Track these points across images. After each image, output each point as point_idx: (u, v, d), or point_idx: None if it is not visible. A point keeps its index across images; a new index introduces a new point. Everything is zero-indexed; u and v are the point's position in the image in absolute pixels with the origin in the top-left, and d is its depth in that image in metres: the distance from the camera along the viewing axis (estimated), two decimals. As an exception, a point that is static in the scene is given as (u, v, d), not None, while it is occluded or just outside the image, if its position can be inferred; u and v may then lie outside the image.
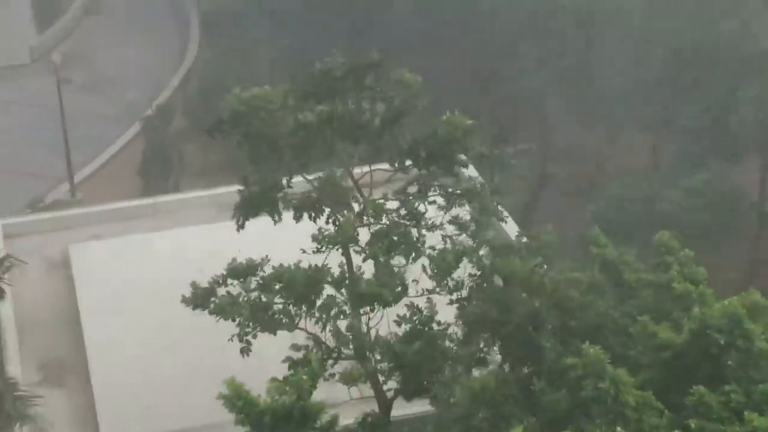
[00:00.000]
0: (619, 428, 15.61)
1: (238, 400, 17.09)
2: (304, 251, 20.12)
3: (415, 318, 20.43)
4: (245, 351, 19.89)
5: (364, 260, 20.42)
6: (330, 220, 20.82)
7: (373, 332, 20.64)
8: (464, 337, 20.49)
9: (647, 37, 42.14)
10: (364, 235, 20.60)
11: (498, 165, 22.67)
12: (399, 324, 20.48)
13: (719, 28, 42.09)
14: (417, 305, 20.44)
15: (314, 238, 20.04)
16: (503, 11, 45.78)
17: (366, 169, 21.98)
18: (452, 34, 47.02)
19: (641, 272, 20.26)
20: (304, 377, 17.28)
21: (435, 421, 20.06)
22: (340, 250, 20.51)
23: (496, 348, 20.12)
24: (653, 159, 45.06)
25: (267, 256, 20.92)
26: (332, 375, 20.35)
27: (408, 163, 21.76)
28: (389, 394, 21.25)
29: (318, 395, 17.48)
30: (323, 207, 21.05)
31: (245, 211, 21.42)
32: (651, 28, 42.20)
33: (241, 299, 20.54)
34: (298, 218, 20.79)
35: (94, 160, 46.60)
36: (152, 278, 27.78)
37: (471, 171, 24.13)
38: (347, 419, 19.77)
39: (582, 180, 45.11)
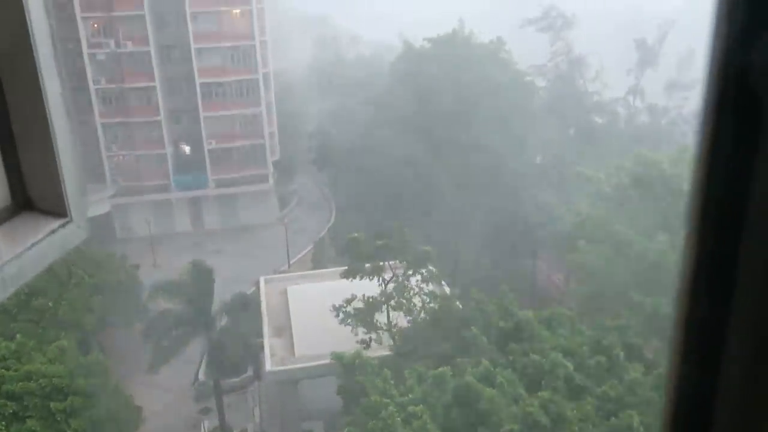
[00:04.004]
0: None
1: (338, 357, 25.65)
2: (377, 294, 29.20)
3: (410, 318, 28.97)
4: (345, 325, 29.46)
5: (388, 299, 28.96)
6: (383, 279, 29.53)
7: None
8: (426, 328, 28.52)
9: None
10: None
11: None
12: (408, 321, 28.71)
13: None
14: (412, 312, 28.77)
15: (380, 294, 28.91)
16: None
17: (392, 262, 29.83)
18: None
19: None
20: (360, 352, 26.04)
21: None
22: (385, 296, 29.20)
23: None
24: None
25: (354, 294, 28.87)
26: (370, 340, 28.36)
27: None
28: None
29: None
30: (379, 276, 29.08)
31: (350, 276, 29.41)
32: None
33: (347, 313, 28.83)
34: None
35: (296, 257, 54.08)
36: (318, 300, 32.46)
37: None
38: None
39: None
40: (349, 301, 28.25)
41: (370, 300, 28.32)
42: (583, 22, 59.40)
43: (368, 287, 28.93)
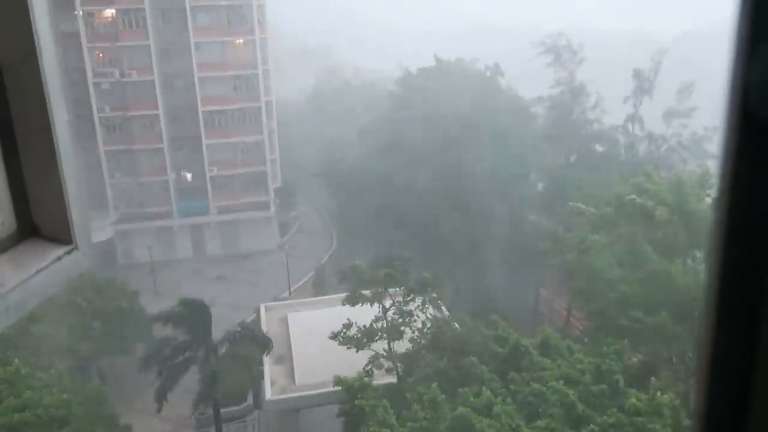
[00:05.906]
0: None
1: (339, 381, 25.34)
2: (376, 319, 28.78)
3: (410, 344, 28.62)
4: (346, 348, 29.04)
5: (388, 325, 28.62)
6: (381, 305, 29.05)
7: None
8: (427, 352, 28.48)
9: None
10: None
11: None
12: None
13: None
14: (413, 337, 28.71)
15: (375, 319, 28.61)
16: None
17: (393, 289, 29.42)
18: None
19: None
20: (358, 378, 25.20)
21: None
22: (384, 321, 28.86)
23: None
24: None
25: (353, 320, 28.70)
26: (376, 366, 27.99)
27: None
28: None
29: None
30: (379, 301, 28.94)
31: (350, 303, 29.06)
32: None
33: (347, 337, 28.48)
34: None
35: (297, 284, 53.09)
36: (319, 327, 32.17)
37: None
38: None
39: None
40: (347, 327, 28.18)
41: (371, 327, 28.22)
42: (582, 49, 59.78)
43: (369, 314, 28.66)
